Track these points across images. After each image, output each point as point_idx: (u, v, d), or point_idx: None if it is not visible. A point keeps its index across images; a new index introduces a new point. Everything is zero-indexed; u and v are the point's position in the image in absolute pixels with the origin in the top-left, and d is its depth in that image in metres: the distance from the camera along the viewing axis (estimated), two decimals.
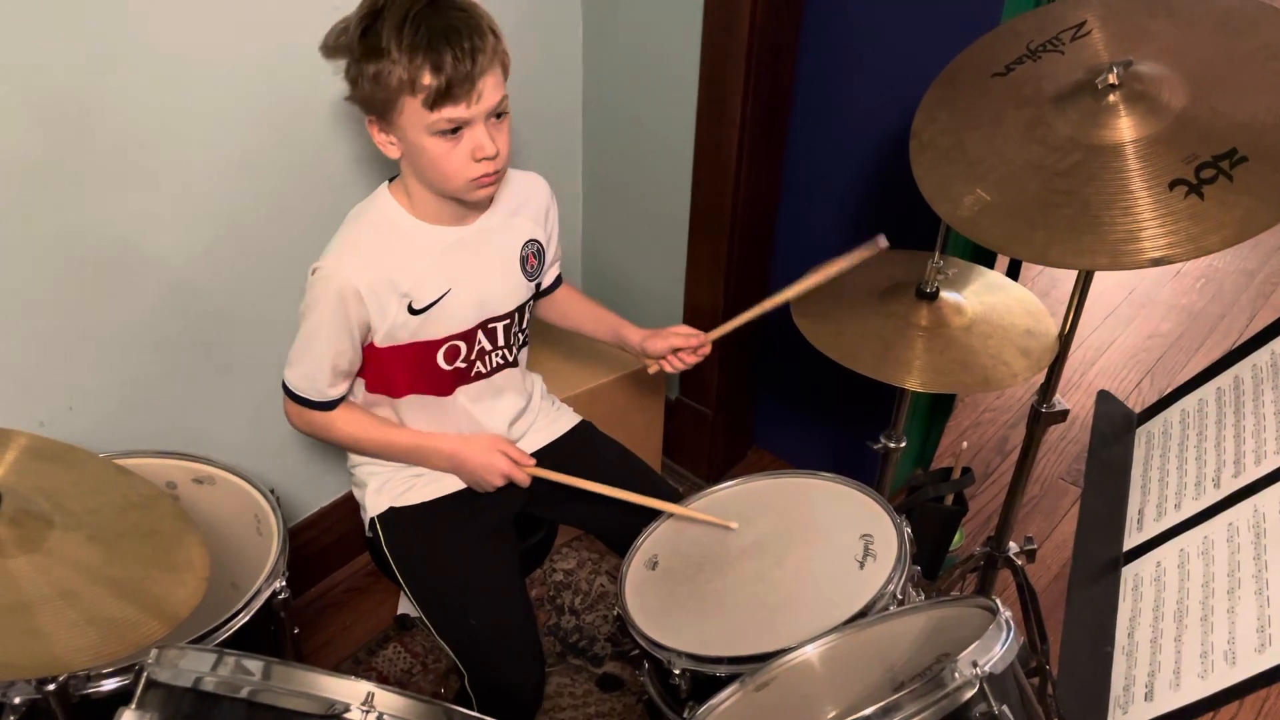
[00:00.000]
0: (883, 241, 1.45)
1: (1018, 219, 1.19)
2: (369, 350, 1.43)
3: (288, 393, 1.46)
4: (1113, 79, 1.18)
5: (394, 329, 1.40)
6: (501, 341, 1.53)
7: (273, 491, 1.48)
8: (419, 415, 1.52)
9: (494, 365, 1.54)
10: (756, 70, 1.88)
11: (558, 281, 1.68)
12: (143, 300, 1.61)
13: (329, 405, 1.46)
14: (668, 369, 1.60)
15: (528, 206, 1.53)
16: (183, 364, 1.71)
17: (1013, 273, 1.76)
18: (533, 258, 1.53)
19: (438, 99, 1.25)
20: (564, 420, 1.70)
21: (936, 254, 1.49)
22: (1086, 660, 1.07)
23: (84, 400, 1.60)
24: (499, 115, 1.32)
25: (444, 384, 1.50)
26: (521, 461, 1.50)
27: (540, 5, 2.01)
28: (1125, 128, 1.17)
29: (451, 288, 1.42)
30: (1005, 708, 0.92)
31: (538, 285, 1.59)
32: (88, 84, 1.41)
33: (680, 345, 1.57)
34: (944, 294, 1.52)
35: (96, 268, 1.53)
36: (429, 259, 1.41)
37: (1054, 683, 1.69)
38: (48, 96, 1.38)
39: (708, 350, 1.59)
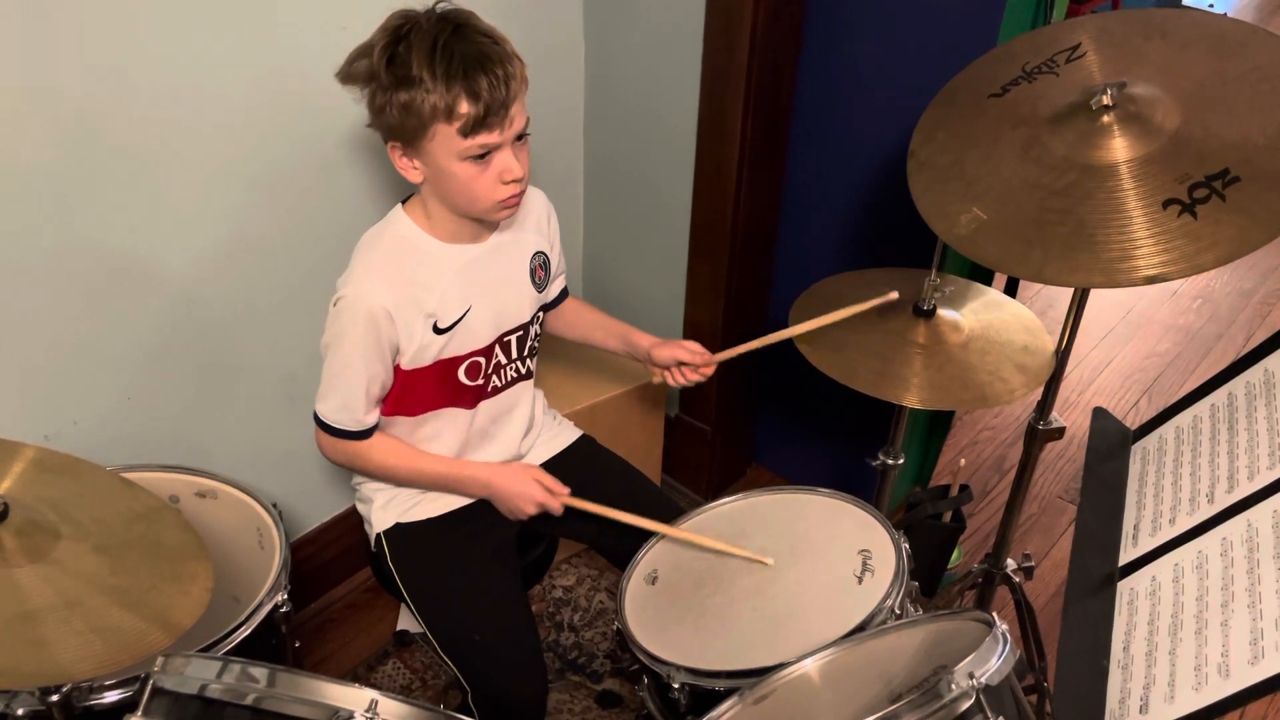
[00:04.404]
0: (893, 295, 1.51)
1: (1014, 237, 1.21)
2: (394, 373, 1.43)
3: (322, 426, 1.44)
4: (1107, 100, 1.20)
5: (420, 349, 1.41)
6: (515, 354, 1.54)
7: (275, 505, 1.49)
8: (436, 432, 1.52)
9: (509, 379, 1.55)
10: (756, 91, 1.90)
11: (564, 294, 1.69)
12: (148, 315, 1.62)
13: (365, 434, 1.45)
14: (670, 381, 1.61)
15: (530, 219, 1.54)
16: (187, 379, 1.72)
17: (1010, 291, 1.77)
18: (540, 269, 1.55)
19: (474, 127, 1.25)
20: (566, 435, 1.71)
21: (934, 272, 1.51)
22: (1083, 674, 1.07)
23: (89, 414, 1.61)
24: (520, 137, 1.33)
25: (466, 399, 1.50)
26: (556, 490, 1.49)
27: (543, 28, 2.03)
28: (1119, 148, 1.19)
29: (471, 305, 1.43)
30: (1002, 719, 0.93)
31: (545, 295, 1.60)
32: (97, 99, 1.42)
33: (686, 360, 1.58)
34: (941, 311, 1.53)
35: (103, 282, 1.54)
36: (449, 278, 1.41)
37: (1051, 699, 1.69)
38: (56, 111, 1.39)
39: (711, 370, 1.59)
